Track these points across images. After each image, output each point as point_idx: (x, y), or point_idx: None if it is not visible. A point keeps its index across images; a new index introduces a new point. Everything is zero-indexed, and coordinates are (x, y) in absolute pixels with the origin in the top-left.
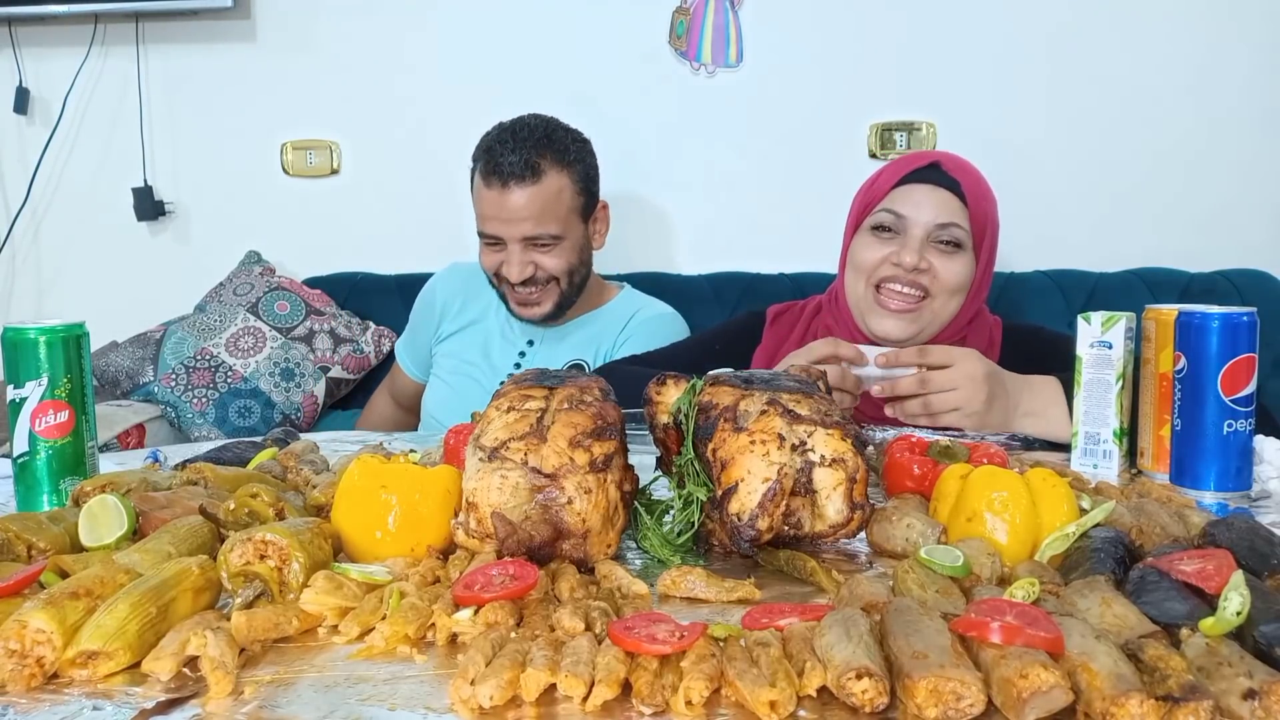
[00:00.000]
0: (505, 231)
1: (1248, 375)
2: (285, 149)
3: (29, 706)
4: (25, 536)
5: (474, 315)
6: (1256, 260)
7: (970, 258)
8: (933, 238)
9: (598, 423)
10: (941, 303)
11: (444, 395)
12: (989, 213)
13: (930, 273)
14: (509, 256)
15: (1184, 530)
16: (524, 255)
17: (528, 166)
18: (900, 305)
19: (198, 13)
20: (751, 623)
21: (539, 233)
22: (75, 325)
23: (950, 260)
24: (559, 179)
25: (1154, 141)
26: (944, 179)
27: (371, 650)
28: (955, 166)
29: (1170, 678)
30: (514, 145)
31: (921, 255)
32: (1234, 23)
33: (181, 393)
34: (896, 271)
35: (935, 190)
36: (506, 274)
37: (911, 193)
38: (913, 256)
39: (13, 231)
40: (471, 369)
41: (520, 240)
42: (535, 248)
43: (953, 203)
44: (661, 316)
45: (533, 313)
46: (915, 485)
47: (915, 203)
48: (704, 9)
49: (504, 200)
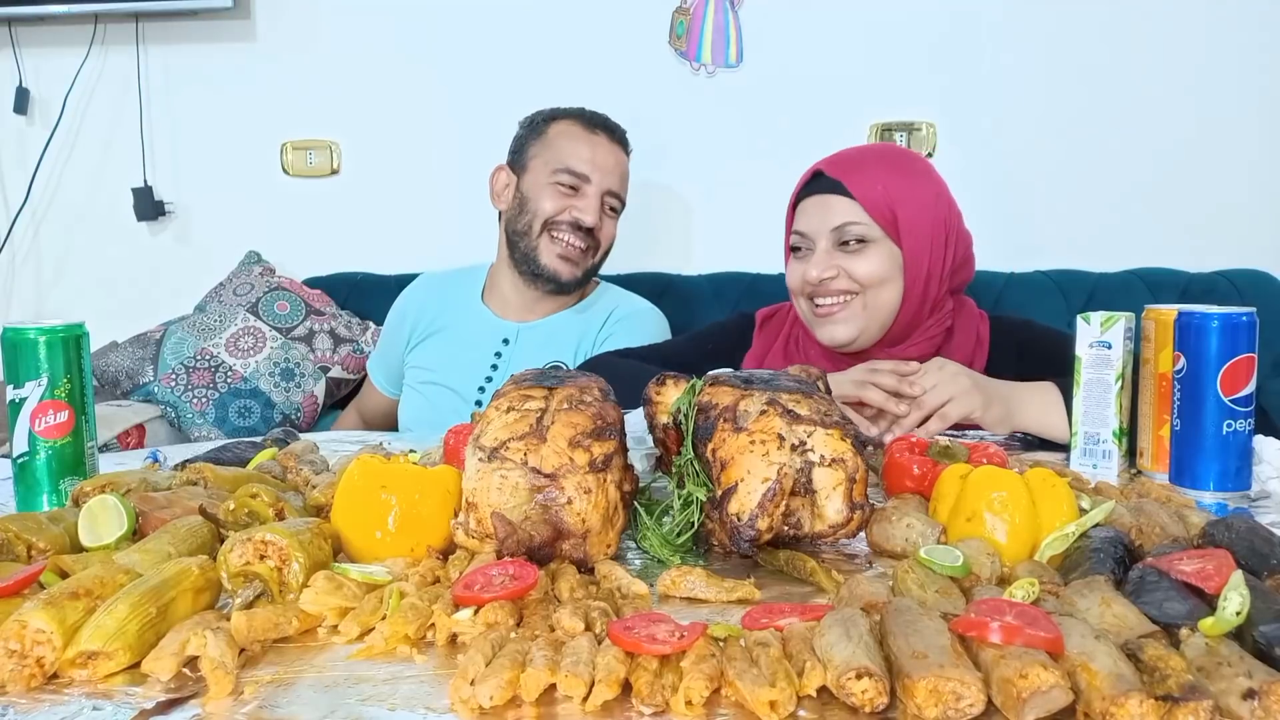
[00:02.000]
0: (596, 176)
1: (1247, 375)
2: (285, 149)
3: (29, 706)
4: (25, 536)
5: (445, 322)
6: (1256, 260)
7: (885, 245)
8: (835, 242)
9: (597, 423)
10: (873, 296)
11: (418, 405)
12: (892, 195)
13: (842, 277)
14: (587, 201)
15: (1183, 530)
16: (600, 204)
17: (624, 138)
18: (828, 310)
19: (198, 13)
20: (751, 623)
21: (619, 191)
22: (75, 325)
23: (859, 257)
24: (627, 166)
25: (1154, 142)
26: (827, 184)
27: (371, 650)
28: (836, 166)
29: (1170, 678)
30: (605, 119)
31: (828, 264)
32: (1234, 23)
33: (181, 393)
34: (814, 288)
35: (822, 199)
36: (579, 215)
37: (806, 207)
38: (816, 270)
39: (13, 231)
40: (444, 376)
41: (604, 190)
42: (604, 208)
43: (841, 204)
44: (642, 313)
45: (569, 270)
46: (915, 485)
47: (810, 215)
48: (704, 9)
49: (603, 149)
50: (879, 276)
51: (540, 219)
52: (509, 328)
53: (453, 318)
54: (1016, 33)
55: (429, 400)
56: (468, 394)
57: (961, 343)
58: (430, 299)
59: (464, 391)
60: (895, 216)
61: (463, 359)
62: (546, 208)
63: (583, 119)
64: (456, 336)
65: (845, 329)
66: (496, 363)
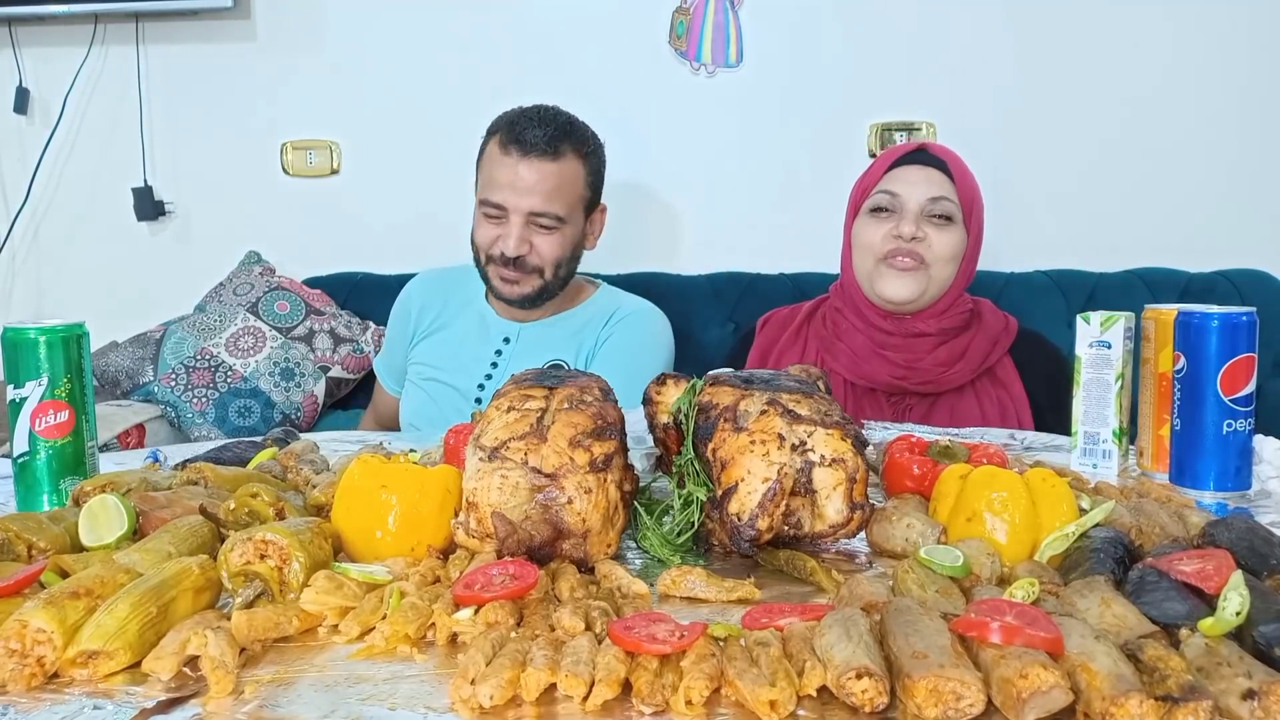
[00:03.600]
0: (513, 202)
1: (1247, 375)
2: (285, 149)
3: (30, 706)
4: (25, 536)
5: (447, 319)
6: (1256, 260)
7: (961, 229)
8: (926, 211)
9: (598, 423)
10: (938, 269)
11: (420, 401)
12: (974, 189)
13: (926, 242)
14: (509, 230)
15: (1183, 530)
16: (523, 231)
17: (550, 144)
18: (905, 265)
19: (198, 13)
20: (751, 622)
21: (545, 209)
22: (75, 325)
23: (943, 231)
24: (575, 166)
25: (1154, 142)
26: (931, 159)
27: (372, 650)
28: (940, 150)
29: (1169, 678)
30: (539, 122)
31: (918, 225)
32: (1234, 23)
33: (181, 393)
34: (898, 244)
35: (924, 169)
36: (502, 247)
37: (904, 174)
38: (910, 226)
39: (13, 231)
40: (446, 373)
41: (525, 214)
42: (536, 227)
43: (941, 179)
44: (643, 313)
45: (514, 291)
46: (915, 485)
47: (908, 181)
48: (704, 9)
49: (520, 171)
50: (953, 253)
51: (481, 251)
52: (510, 327)
53: (454, 315)
54: (1016, 33)
55: (431, 396)
56: (468, 391)
57: (991, 323)
58: (433, 296)
59: (465, 389)
60: (973, 206)
61: (464, 356)
62: (480, 238)
63: (502, 136)
64: (458, 334)
65: (911, 287)
66: (497, 360)
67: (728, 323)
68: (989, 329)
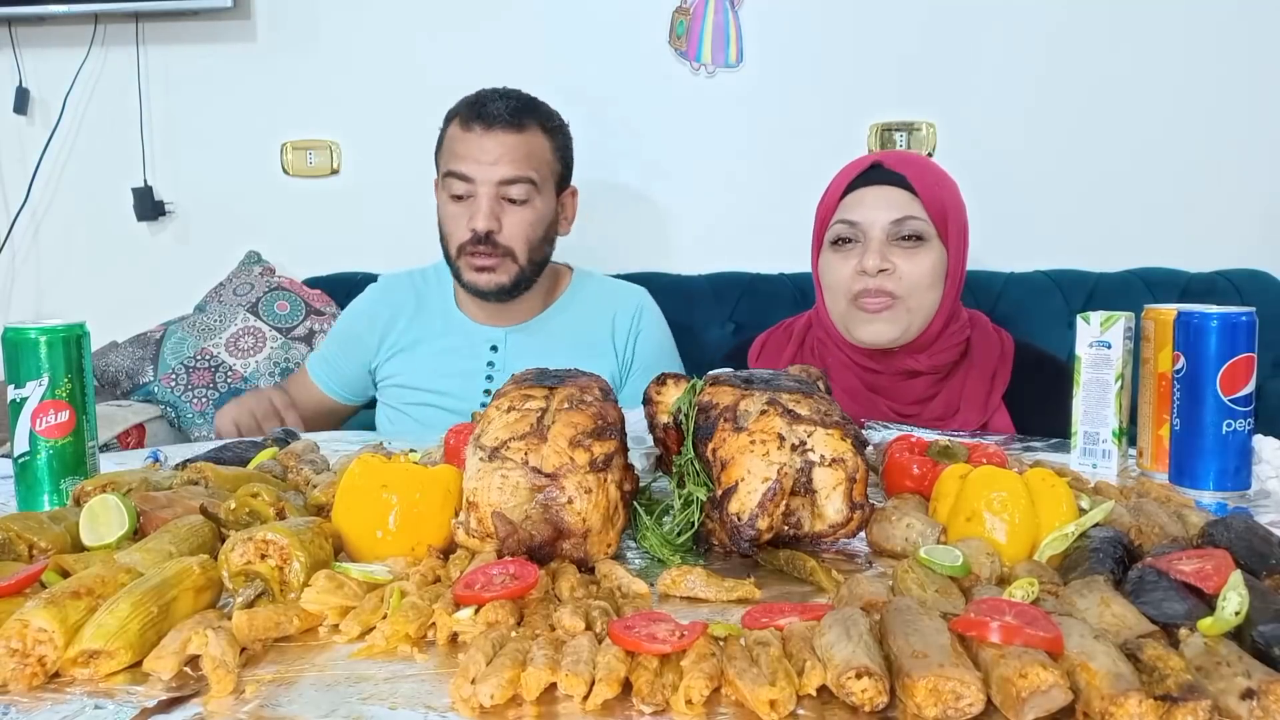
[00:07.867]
0: (479, 173)
1: (1246, 375)
2: (285, 149)
3: (31, 706)
4: (26, 536)
5: (419, 333)
6: (1256, 260)
7: (936, 246)
8: (891, 236)
9: (598, 422)
10: (916, 300)
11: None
12: (945, 197)
13: (895, 274)
14: (477, 204)
15: (1183, 530)
16: (493, 205)
17: (514, 115)
18: (878, 306)
19: (198, 13)
20: (751, 622)
21: (516, 175)
22: (75, 325)
23: (914, 255)
24: (540, 138)
25: (1154, 142)
26: (888, 176)
27: (372, 649)
28: (898, 161)
29: (1169, 677)
30: (500, 97)
31: (884, 257)
32: (1233, 23)
33: (181, 393)
34: (865, 282)
35: (882, 189)
36: (472, 225)
37: (861, 197)
38: (874, 259)
39: (13, 231)
40: (435, 396)
41: (494, 185)
42: (506, 202)
43: (902, 197)
44: (655, 307)
45: (488, 280)
46: (915, 485)
47: (866, 205)
48: (704, 9)
49: (485, 143)
50: (929, 278)
51: (453, 243)
52: (494, 334)
53: (427, 328)
54: (1016, 33)
55: (420, 423)
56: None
57: (984, 353)
58: (402, 307)
59: (460, 409)
60: (947, 218)
61: (451, 372)
62: (446, 226)
63: (463, 115)
64: (439, 349)
65: (888, 331)
66: (491, 372)
67: (728, 323)
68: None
